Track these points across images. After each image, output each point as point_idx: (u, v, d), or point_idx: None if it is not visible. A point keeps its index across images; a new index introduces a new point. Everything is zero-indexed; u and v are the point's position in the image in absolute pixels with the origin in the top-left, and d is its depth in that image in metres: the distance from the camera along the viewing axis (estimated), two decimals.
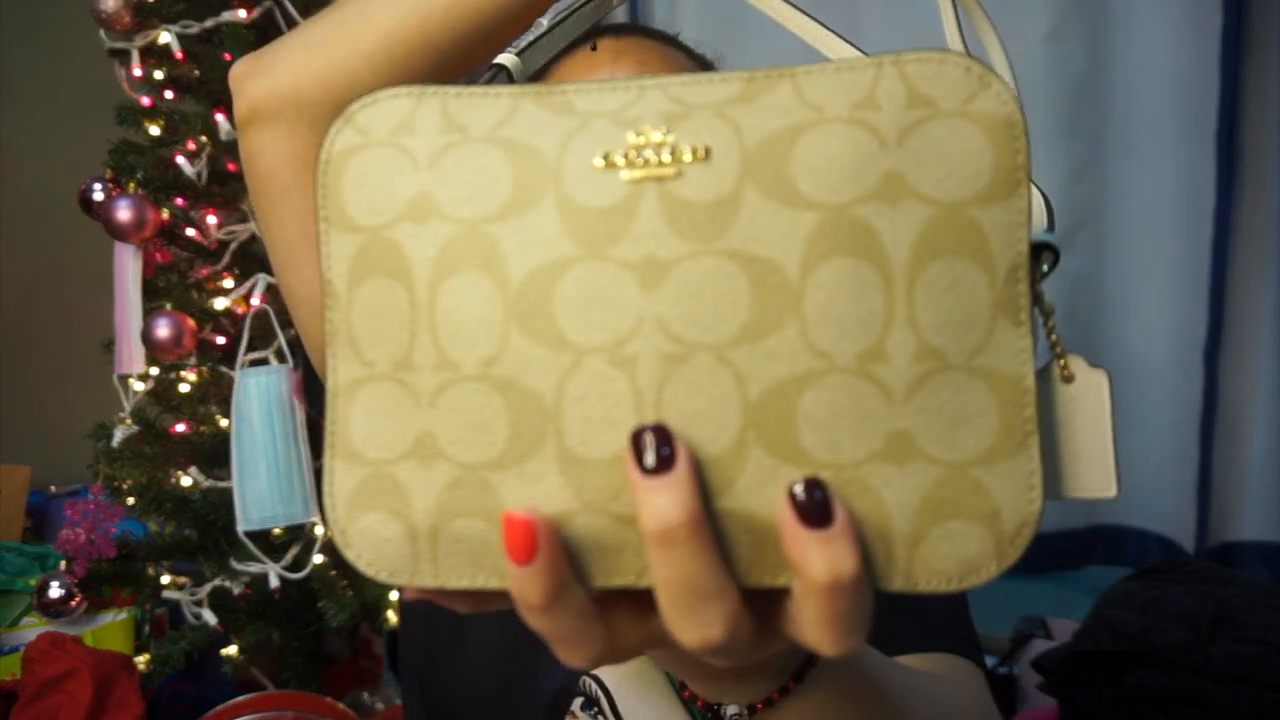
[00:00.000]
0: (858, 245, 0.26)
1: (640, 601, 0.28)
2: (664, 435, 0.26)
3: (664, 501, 0.25)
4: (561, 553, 0.27)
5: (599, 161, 0.27)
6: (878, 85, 0.27)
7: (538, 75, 0.65)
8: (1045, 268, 0.28)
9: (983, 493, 0.26)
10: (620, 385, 0.27)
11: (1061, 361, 0.29)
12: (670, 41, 0.66)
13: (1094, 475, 0.28)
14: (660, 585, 0.26)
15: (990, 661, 1.53)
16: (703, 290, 0.27)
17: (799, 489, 0.26)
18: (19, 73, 2.26)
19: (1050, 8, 1.71)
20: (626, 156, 0.27)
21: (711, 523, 0.26)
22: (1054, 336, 0.29)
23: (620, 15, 2.10)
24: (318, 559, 1.41)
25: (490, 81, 0.45)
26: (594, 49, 0.63)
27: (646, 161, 0.27)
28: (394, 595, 1.41)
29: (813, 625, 0.26)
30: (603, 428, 0.27)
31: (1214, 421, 1.70)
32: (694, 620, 0.26)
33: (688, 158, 0.27)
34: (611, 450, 0.27)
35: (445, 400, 0.28)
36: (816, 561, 0.25)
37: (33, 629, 1.50)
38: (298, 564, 1.42)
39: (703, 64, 0.67)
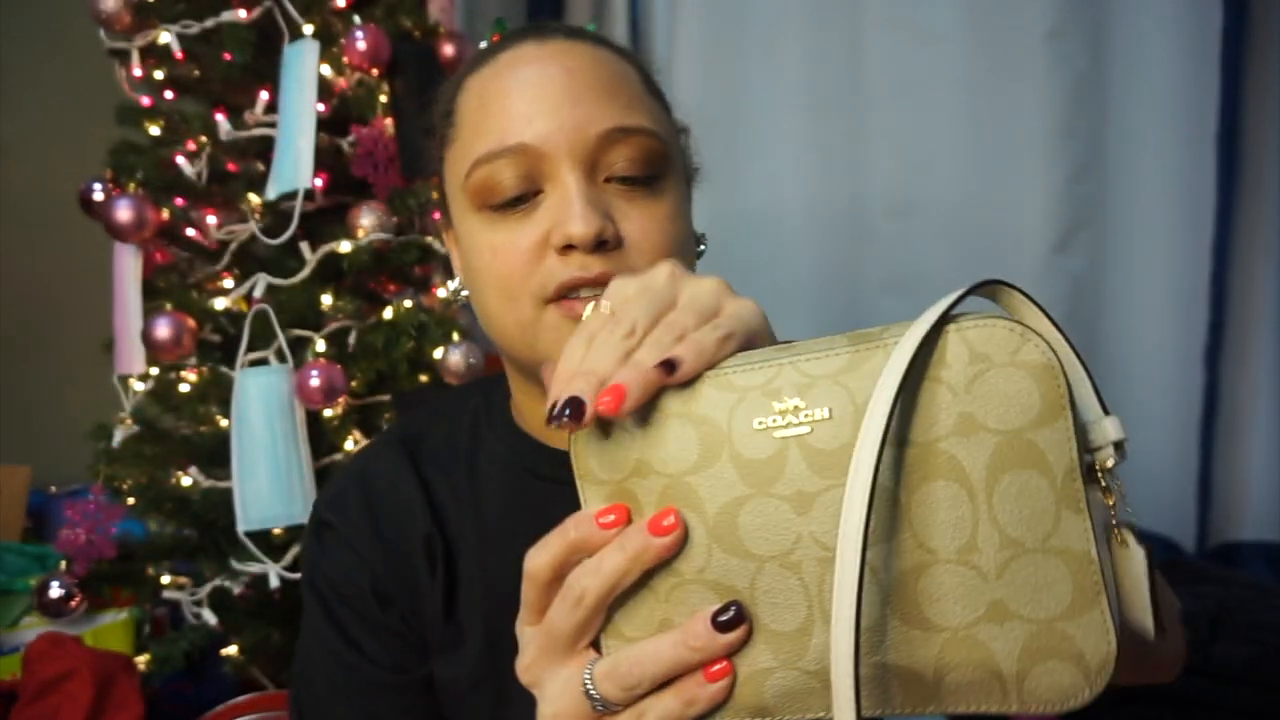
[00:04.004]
0: (946, 470, 0.36)
1: None
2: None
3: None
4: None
5: (757, 425, 0.38)
6: (946, 348, 0.36)
7: (454, 84, 0.63)
8: (1112, 462, 0.37)
9: (1068, 640, 0.35)
10: (793, 582, 0.38)
11: (1118, 534, 0.38)
12: (597, 40, 0.64)
13: (1139, 618, 0.38)
14: None
15: None
16: (839, 512, 0.36)
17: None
18: (19, 73, 2.26)
19: (1051, 6, 1.71)
20: (774, 421, 0.38)
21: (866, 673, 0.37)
22: (1115, 515, 0.38)
23: (621, 14, 2.10)
24: None
25: None
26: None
27: (789, 423, 0.38)
28: None
29: None
30: (786, 610, 0.38)
31: (1214, 422, 1.70)
32: None
33: (817, 417, 0.37)
34: (794, 626, 0.38)
35: (675, 596, 0.39)
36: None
37: (33, 629, 1.50)
38: (298, 564, 1.42)
39: (635, 62, 0.64)
